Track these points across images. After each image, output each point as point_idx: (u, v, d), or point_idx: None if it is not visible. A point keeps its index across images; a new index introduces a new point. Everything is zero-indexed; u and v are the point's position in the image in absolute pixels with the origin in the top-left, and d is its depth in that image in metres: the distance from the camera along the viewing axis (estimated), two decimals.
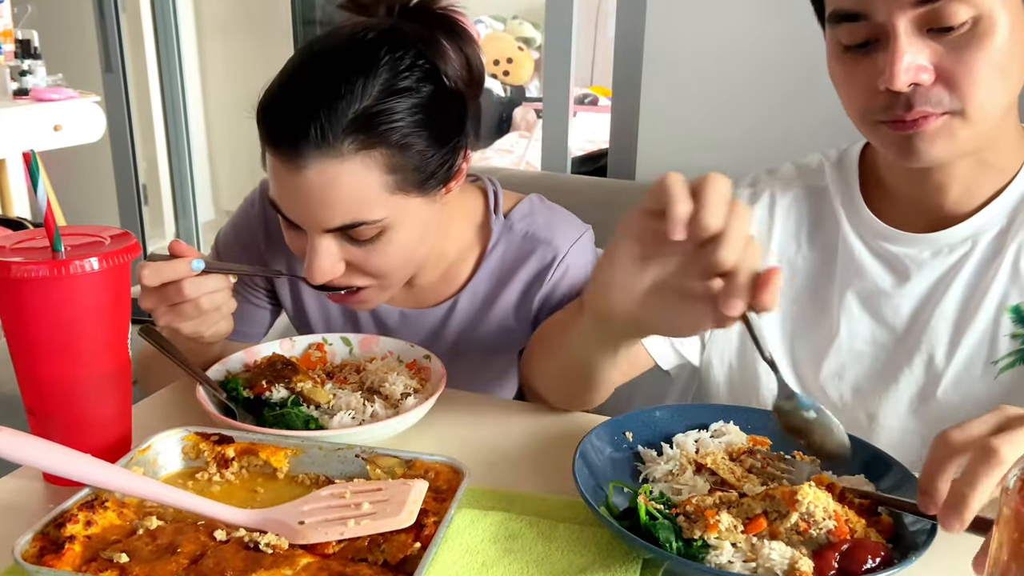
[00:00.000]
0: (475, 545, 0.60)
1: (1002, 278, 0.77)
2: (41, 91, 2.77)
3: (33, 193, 0.65)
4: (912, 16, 0.67)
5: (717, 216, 0.54)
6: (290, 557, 0.54)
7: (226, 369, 0.84)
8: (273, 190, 0.82)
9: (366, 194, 0.79)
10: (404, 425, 0.75)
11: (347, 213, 0.79)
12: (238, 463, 0.67)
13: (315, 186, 0.77)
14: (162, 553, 0.55)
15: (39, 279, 0.61)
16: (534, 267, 0.96)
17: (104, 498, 0.59)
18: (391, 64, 0.78)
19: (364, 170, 0.78)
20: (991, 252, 0.78)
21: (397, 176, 0.79)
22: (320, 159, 0.76)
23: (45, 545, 0.55)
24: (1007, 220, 0.78)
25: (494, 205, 0.98)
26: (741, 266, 0.54)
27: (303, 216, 0.81)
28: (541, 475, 0.71)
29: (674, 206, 0.54)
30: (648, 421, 0.73)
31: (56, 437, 0.60)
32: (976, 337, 0.78)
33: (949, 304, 0.79)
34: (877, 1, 0.68)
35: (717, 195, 0.54)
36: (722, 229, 0.54)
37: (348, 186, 0.78)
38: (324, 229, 0.80)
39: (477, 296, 0.98)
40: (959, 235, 0.78)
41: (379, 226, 0.81)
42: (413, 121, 0.79)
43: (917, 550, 0.55)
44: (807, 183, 0.88)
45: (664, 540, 0.57)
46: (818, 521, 0.56)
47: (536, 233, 0.96)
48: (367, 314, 1.01)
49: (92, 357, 0.66)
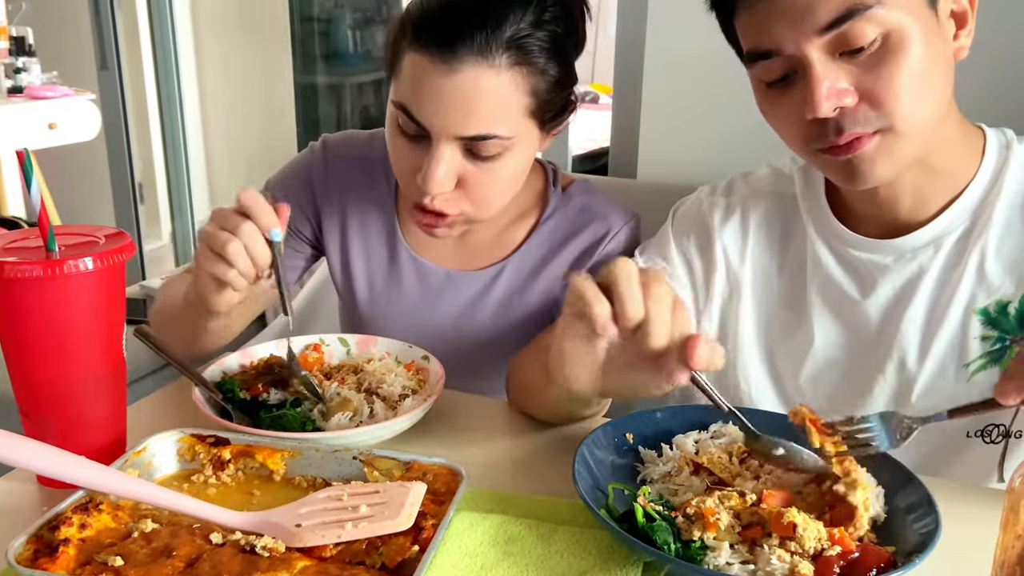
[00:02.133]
0: (474, 548, 0.59)
1: (968, 281, 0.77)
2: (36, 89, 2.76)
3: (27, 192, 0.65)
4: (822, 43, 0.68)
5: (635, 310, 0.56)
6: (287, 560, 0.54)
7: (222, 370, 0.84)
8: (408, 94, 0.84)
9: (506, 108, 0.83)
10: (402, 427, 0.75)
11: (485, 123, 0.83)
12: (234, 465, 0.67)
13: (464, 90, 0.81)
14: (157, 556, 0.54)
15: (33, 279, 0.61)
16: (587, 239, 0.99)
17: (99, 501, 0.59)
18: None
19: (512, 85, 0.83)
20: (955, 255, 0.78)
21: (533, 100, 0.85)
22: (476, 65, 0.81)
23: (39, 548, 0.54)
24: (969, 222, 0.77)
25: (553, 178, 1.02)
26: (672, 341, 0.57)
27: (441, 119, 0.82)
28: (541, 477, 0.71)
29: (591, 311, 0.57)
30: (649, 422, 0.72)
31: (50, 439, 0.59)
32: (946, 341, 0.78)
33: (917, 309, 0.79)
34: (785, 36, 0.68)
35: (629, 290, 0.56)
36: (643, 318, 0.56)
37: (495, 96, 0.82)
38: (456, 136, 0.83)
39: (526, 263, 1.01)
40: (921, 239, 0.78)
41: (505, 144, 0.85)
42: (554, 51, 0.85)
43: (920, 553, 0.54)
44: (779, 190, 0.89)
45: (662, 542, 0.57)
46: (807, 550, 0.56)
47: (593, 207, 1.01)
48: (411, 272, 1.02)
49: (86, 358, 0.65)
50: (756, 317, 0.88)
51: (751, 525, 0.58)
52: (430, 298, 1.02)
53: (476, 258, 1.02)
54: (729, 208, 0.90)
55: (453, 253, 1.02)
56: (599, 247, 0.99)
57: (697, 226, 0.90)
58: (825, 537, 0.56)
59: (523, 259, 1.00)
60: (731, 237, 0.88)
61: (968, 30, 0.73)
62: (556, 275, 1.00)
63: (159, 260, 3.39)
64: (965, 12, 0.73)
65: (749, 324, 0.88)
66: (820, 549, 0.56)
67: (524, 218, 1.02)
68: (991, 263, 0.77)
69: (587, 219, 1.00)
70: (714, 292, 0.89)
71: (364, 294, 1.05)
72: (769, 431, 0.70)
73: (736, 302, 0.88)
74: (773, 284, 0.87)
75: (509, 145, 0.85)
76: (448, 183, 0.85)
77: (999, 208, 0.77)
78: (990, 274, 0.77)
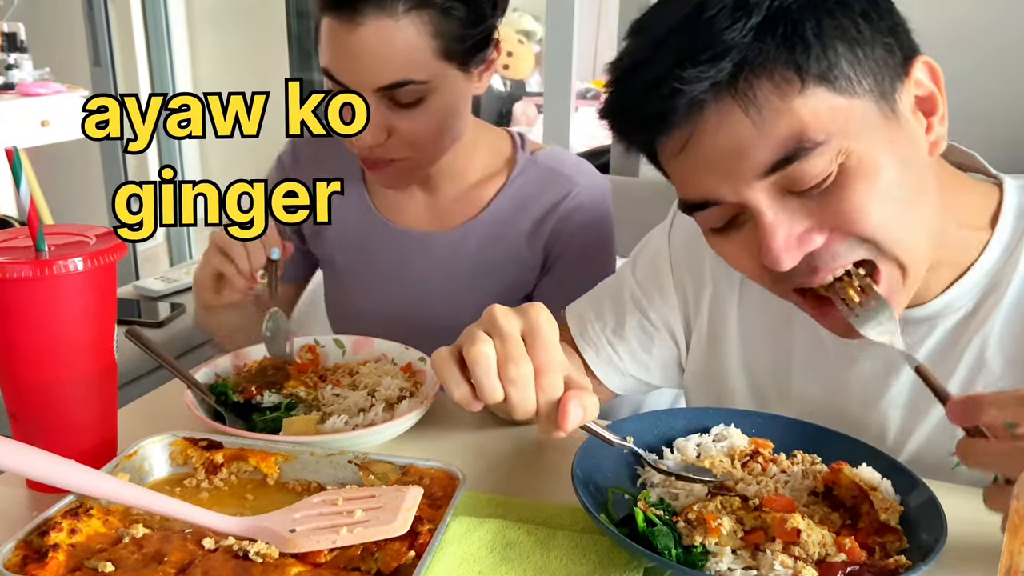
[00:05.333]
0: (471, 553, 0.58)
1: (964, 368, 0.69)
2: (27, 85, 2.74)
3: (16, 191, 0.64)
4: (766, 186, 0.59)
5: (492, 394, 0.55)
6: (280, 566, 0.53)
7: (215, 372, 0.83)
8: (327, 56, 0.90)
9: (415, 54, 0.87)
10: (398, 430, 0.74)
11: (397, 70, 0.87)
12: (227, 469, 0.66)
13: (370, 42, 0.86)
14: (148, 562, 0.54)
15: (22, 280, 0.60)
16: (551, 197, 1.03)
17: (89, 505, 0.58)
18: None
19: (415, 30, 0.87)
20: (952, 337, 0.70)
21: (441, 42, 0.88)
22: (378, 16, 0.85)
23: (28, 554, 0.53)
24: (974, 304, 0.69)
25: (521, 143, 1.07)
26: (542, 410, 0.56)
27: (355, 74, 0.88)
28: (539, 481, 0.70)
29: (452, 394, 0.57)
30: (649, 425, 0.72)
31: (39, 442, 0.58)
32: (932, 428, 0.72)
33: (899, 391, 0.73)
34: (720, 185, 0.60)
35: (486, 375, 0.55)
36: (502, 397, 0.55)
37: (401, 43, 0.87)
38: (373, 88, 0.87)
39: (495, 222, 1.04)
40: (916, 315, 0.70)
41: (423, 89, 0.89)
42: None
43: (924, 559, 0.54)
44: None
45: (663, 547, 0.56)
46: (811, 556, 0.55)
47: (559, 168, 1.05)
48: (384, 236, 1.07)
49: (76, 360, 0.64)
50: (743, 350, 0.83)
51: (753, 530, 0.58)
52: (404, 260, 1.06)
53: (446, 218, 1.06)
54: None
55: (423, 215, 1.07)
56: (561, 204, 1.02)
57: (690, 239, 0.85)
58: (831, 542, 0.56)
59: (492, 218, 1.04)
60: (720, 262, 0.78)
61: (941, 115, 0.63)
62: (522, 232, 1.03)
63: (152, 260, 3.37)
64: (932, 95, 0.62)
65: (736, 356, 0.83)
66: (824, 555, 0.55)
67: (493, 179, 1.05)
68: (994, 350, 0.68)
69: (552, 178, 1.04)
70: (703, 308, 0.85)
71: (341, 263, 1.10)
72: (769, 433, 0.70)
73: (724, 328, 0.83)
74: (762, 320, 0.82)
75: (428, 89, 0.89)
76: (379, 134, 0.90)
77: (1012, 289, 0.68)
78: (991, 362, 0.68)
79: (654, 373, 0.88)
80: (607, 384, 0.87)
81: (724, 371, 0.84)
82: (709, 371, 0.86)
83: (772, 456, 0.67)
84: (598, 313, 0.87)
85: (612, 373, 0.87)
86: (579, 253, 1.04)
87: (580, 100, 3.22)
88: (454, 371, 0.57)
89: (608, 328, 0.86)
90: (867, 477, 0.62)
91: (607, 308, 0.87)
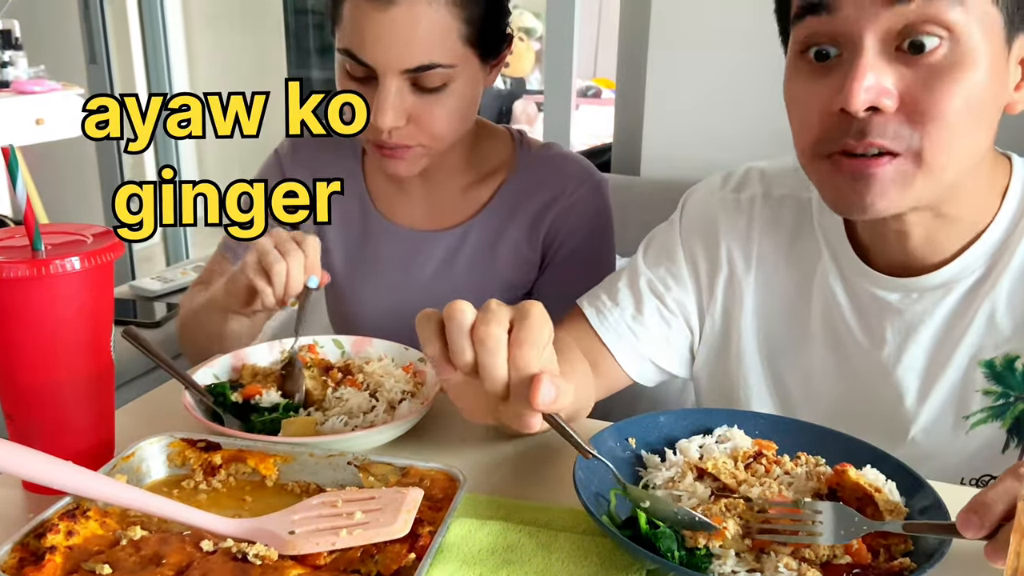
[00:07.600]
0: (472, 556, 0.58)
1: (976, 330, 0.73)
2: (22, 83, 2.72)
3: (12, 190, 0.63)
4: (881, 27, 0.61)
5: (461, 354, 0.54)
6: (279, 568, 0.53)
7: (213, 373, 0.82)
8: (351, 37, 0.89)
9: (444, 37, 0.88)
10: (398, 431, 0.74)
11: (425, 52, 0.87)
12: (225, 471, 0.66)
13: (401, 23, 0.86)
14: (146, 564, 0.53)
15: (18, 279, 0.60)
16: (549, 193, 1.03)
17: (86, 507, 0.57)
18: None
19: (446, 12, 0.88)
20: (965, 302, 0.73)
21: (469, 28, 0.90)
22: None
23: (24, 556, 0.53)
24: (985, 268, 0.73)
25: (521, 142, 1.07)
26: (513, 384, 0.54)
27: (383, 54, 0.87)
28: (541, 483, 0.70)
29: (425, 349, 0.57)
30: (651, 426, 0.71)
31: (36, 443, 0.58)
32: (946, 391, 0.75)
33: (916, 355, 0.76)
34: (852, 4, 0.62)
35: (456, 335, 0.54)
36: (472, 363, 0.54)
37: (431, 24, 0.87)
38: (400, 70, 0.87)
39: (494, 221, 1.04)
40: (931, 282, 0.74)
41: (448, 74, 0.89)
42: None
43: (930, 560, 0.53)
44: (796, 193, 0.85)
45: (666, 550, 0.56)
46: (817, 558, 0.54)
47: (557, 164, 1.05)
48: (384, 236, 1.06)
49: (73, 360, 0.64)
50: (757, 328, 0.85)
51: None
52: (404, 260, 1.06)
53: (445, 217, 1.06)
54: (739, 207, 0.87)
55: (422, 214, 1.06)
56: (559, 200, 1.03)
57: (704, 223, 0.88)
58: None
59: (491, 216, 1.04)
60: (737, 240, 0.86)
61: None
62: (522, 228, 1.03)
63: (149, 259, 3.36)
64: None
65: (750, 334, 0.85)
66: (829, 557, 0.55)
67: (491, 177, 1.05)
68: (1003, 313, 0.72)
69: (550, 174, 1.04)
70: (717, 293, 0.87)
71: (341, 264, 1.09)
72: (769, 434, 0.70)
73: (739, 309, 0.86)
74: (777, 297, 0.84)
75: (452, 75, 0.90)
76: (400, 118, 0.90)
77: (1018, 255, 0.72)
78: (1001, 324, 0.72)
79: (672, 360, 0.89)
80: (627, 370, 0.88)
81: (739, 351, 0.86)
82: (722, 354, 0.87)
83: (776, 458, 0.67)
84: (615, 300, 0.88)
85: (633, 359, 0.87)
86: (578, 249, 1.04)
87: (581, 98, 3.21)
88: (431, 330, 0.56)
89: (627, 314, 0.87)
90: (872, 479, 0.62)
91: (624, 295, 0.88)
